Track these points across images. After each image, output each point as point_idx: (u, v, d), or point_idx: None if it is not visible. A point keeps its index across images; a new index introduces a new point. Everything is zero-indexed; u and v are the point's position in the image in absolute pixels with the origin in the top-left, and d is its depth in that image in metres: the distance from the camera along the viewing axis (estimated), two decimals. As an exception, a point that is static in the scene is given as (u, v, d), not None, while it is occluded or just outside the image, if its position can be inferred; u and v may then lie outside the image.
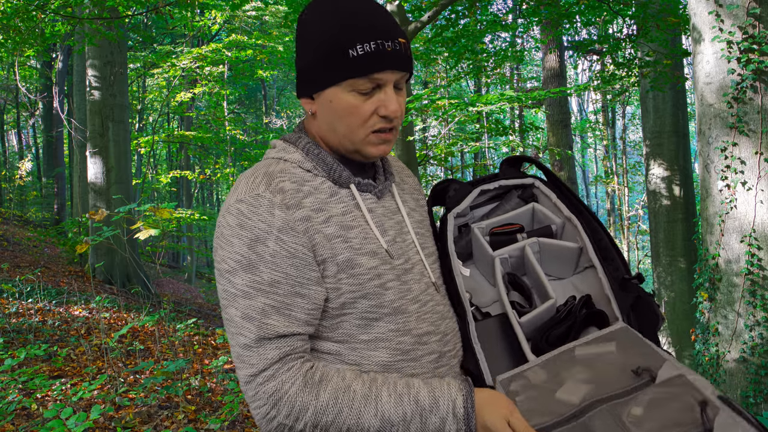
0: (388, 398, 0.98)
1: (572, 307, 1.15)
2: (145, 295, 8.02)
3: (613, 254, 1.26)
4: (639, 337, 1.03)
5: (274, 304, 0.98)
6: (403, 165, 1.34)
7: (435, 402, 0.98)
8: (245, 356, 0.98)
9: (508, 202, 1.38)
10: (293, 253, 1.00)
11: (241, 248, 0.98)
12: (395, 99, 1.03)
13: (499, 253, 1.27)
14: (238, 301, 0.99)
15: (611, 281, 1.18)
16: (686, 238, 7.07)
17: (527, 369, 1.06)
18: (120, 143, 8.72)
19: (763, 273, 3.53)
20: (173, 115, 18.66)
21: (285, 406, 0.96)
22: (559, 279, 1.29)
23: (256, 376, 0.97)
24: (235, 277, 0.99)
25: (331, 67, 1.00)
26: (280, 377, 0.97)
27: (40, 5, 6.85)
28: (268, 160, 1.10)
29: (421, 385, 1.00)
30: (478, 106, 9.56)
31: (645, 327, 1.14)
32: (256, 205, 0.99)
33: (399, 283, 1.07)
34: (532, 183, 1.38)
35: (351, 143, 1.05)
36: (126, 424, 3.46)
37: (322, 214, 1.03)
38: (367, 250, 1.05)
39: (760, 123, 3.53)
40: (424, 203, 1.29)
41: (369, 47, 0.98)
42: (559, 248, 1.26)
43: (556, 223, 1.31)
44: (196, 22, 13.23)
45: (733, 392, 3.60)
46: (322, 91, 1.03)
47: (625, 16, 7.28)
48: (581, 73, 24.08)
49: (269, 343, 0.98)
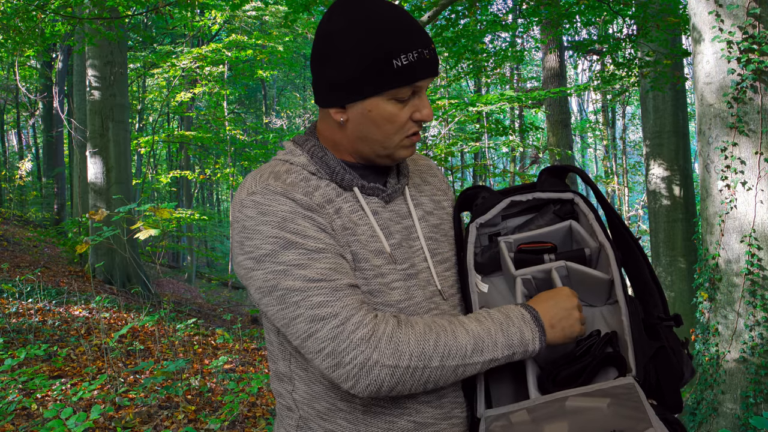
0: (469, 321, 1.02)
1: (592, 345, 1.07)
2: (145, 295, 8.02)
3: (653, 290, 1.16)
4: (639, 396, 0.96)
5: (330, 265, 0.97)
6: (431, 164, 1.31)
7: (507, 317, 1.03)
8: (323, 313, 0.94)
9: (542, 216, 1.25)
10: (323, 228, 1.01)
11: (272, 231, 0.97)
12: (428, 104, 1.05)
13: (522, 273, 1.16)
14: (292, 272, 0.96)
15: (635, 324, 1.08)
16: (686, 238, 7.07)
17: (515, 411, 1.03)
18: (120, 143, 8.71)
19: (763, 273, 3.53)
20: (173, 115, 18.66)
21: (387, 345, 0.94)
22: (589, 306, 1.19)
23: (345, 325, 0.93)
24: (278, 257, 0.96)
25: (374, 77, 0.99)
26: (370, 322, 0.95)
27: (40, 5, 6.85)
28: (273, 162, 1.10)
29: (489, 310, 1.05)
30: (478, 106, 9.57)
31: (665, 380, 1.07)
32: (270, 193, 1.00)
33: (405, 286, 1.07)
34: (572, 198, 1.23)
35: (384, 149, 1.06)
36: (126, 424, 3.46)
37: (332, 206, 1.05)
38: (373, 248, 1.05)
39: (760, 123, 3.53)
40: (446, 205, 1.25)
41: (412, 56, 0.99)
42: (588, 277, 1.14)
43: (591, 248, 1.17)
44: (196, 22, 13.22)
45: (733, 392, 3.60)
46: (361, 101, 1.02)
47: (625, 16, 7.28)
48: (581, 73, 24.08)
49: (345, 294, 0.96)
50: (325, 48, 1.03)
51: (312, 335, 0.95)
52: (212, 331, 6.77)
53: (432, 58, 1.02)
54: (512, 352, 1.01)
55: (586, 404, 0.98)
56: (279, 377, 1.13)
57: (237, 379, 4.51)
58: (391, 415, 1.04)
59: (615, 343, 1.09)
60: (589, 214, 1.19)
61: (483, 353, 0.99)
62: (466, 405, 1.12)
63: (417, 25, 1.02)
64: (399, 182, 1.14)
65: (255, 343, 6.53)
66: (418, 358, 0.95)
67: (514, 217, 1.29)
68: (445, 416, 1.08)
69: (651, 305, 1.15)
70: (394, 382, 0.95)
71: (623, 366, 1.06)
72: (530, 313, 1.04)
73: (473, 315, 1.04)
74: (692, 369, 1.14)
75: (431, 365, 0.96)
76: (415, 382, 0.96)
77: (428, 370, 0.96)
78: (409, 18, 1.03)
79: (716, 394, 3.66)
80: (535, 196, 1.24)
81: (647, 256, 1.21)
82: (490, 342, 1.00)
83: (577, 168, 1.26)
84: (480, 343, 0.99)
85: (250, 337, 7.06)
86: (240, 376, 4.62)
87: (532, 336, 1.02)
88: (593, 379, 1.07)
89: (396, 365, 0.94)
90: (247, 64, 13.15)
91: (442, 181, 1.29)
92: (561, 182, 1.29)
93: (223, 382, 4.40)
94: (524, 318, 1.03)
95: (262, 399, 4.31)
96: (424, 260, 1.12)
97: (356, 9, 1.01)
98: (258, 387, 4.23)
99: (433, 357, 0.96)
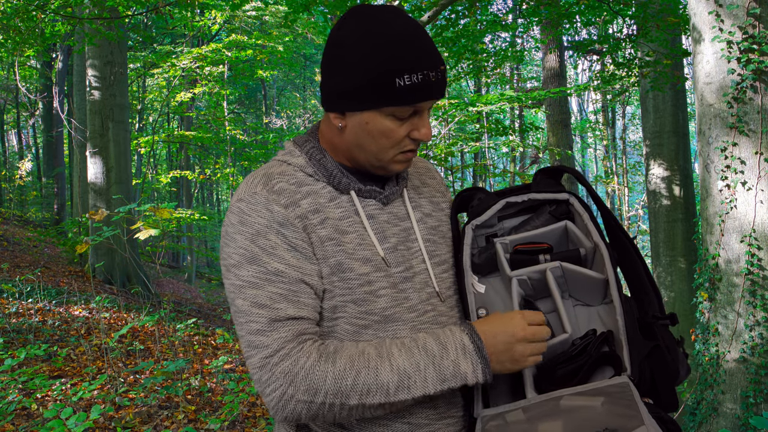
0: (399, 353, 0.98)
1: (588, 344, 1.07)
2: (145, 295, 8.02)
3: (648, 289, 1.16)
4: (633, 394, 0.97)
5: (281, 291, 0.99)
6: (430, 166, 1.31)
7: (443, 347, 0.99)
8: (257, 341, 0.98)
9: (538, 217, 1.25)
10: (294, 246, 1.01)
11: (244, 242, 1.00)
12: (428, 124, 1.05)
13: (518, 274, 1.16)
14: (245, 291, 0.99)
15: (630, 323, 1.08)
16: (686, 238, 7.07)
17: (511, 410, 1.03)
18: (120, 143, 8.71)
19: (763, 273, 3.53)
20: (173, 115, 18.66)
21: (303, 380, 0.95)
22: (586, 305, 1.19)
23: (271, 357, 0.96)
24: (240, 270, 1.00)
25: (375, 93, 0.99)
26: (294, 355, 0.96)
27: (40, 5, 6.85)
28: (271, 162, 1.11)
29: (427, 337, 1.01)
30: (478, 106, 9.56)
31: (660, 379, 1.08)
32: (254, 202, 1.02)
33: (394, 291, 1.06)
34: (567, 199, 1.23)
35: (378, 161, 1.07)
36: (126, 424, 3.46)
37: (318, 216, 1.04)
38: (360, 256, 1.05)
39: (760, 123, 3.53)
40: (444, 207, 1.25)
41: (416, 78, 0.98)
42: (583, 276, 1.14)
43: (586, 248, 1.18)
44: (196, 22, 13.22)
45: (733, 392, 3.60)
46: (359, 112, 1.03)
47: (625, 16, 7.28)
48: (581, 73, 24.08)
49: (281, 325, 0.98)
50: (333, 55, 1.03)
51: (248, 359, 1.00)
52: (212, 331, 6.77)
53: (439, 80, 1.01)
54: (446, 387, 0.99)
55: (581, 403, 0.98)
56: None
57: (237, 379, 4.51)
58: (385, 418, 1.05)
59: (611, 342, 1.09)
60: (584, 215, 1.20)
61: (410, 390, 0.97)
62: (463, 405, 1.12)
63: (429, 45, 1.01)
64: (397, 184, 1.14)
65: (255, 343, 6.51)
66: (333, 395, 0.95)
67: (511, 218, 1.29)
68: (441, 416, 1.08)
69: (646, 304, 1.16)
70: (311, 415, 0.97)
71: (618, 365, 1.06)
72: (473, 342, 1.00)
73: (407, 344, 1.00)
74: (688, 367, 1.14)
75: (349, 403, 0.96)
76: (336, 414, 0.98)
77: (347, 407, 0.96)
78: (423, 36, 1.01)
79: (716, 394, 3.66)
80: (531, 197, 1.24)
81: (643, 255, 1.21)
82: (418, 378, 0.97)
83: (571, 168, 1.26)
84: (405, 380, 0.97)
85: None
86: (240, 376, 4.62)
87: (472, 368, 0.99)
88: (590, 378, 1.07)
89: (311, 401, 0.96)
90: (247, 64, 13.15)
91: (441, 183, 1.29)
92: (556, 183, 1.29)
93: (223, 382, 4.40)
94: (465, 349, 1.00)
95: (262, 399, 4.31)
96: (422, 262, 1.12)
97: (368, 21, 1.01)
98: (258, 387, 4.22)
99: (350, 395, 0.96)
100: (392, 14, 1.01)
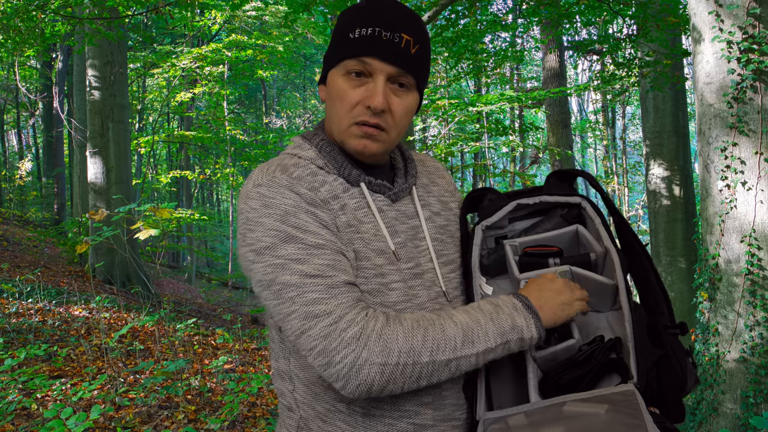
0: (458, 313, 1.01)
1: (595, 350, 1.06)
2: (145, 295, 8.02)
3: (659, 297, 1.15)
4: (638, 403, 0.95)
5: (328, 262, 0.96)
6: (439, 166, 1.30)
7: (497, 306, 1.02)
8: (317, 310, 0.93)
9: (549, 220, 1.24)
10: (324, 224, 1.00)
11: (274, 224, 0.97)
12: (382, 92, 1.02)
13: (525, 276, 1.15)
14: (290, 267, 0.95)
15: (638, 331, 1.07)
16: (686, 238, 7.07)
17: (513, 414, 1.03)
18: (120, 143, 8.72)
19: (763, 273, 3.53)
20: (173, 115, 18.66)
21: (376, 342, 0.92)
22: (595, 311, 1.17)
23: (337, 324, 0.93)
24: (278, 250, 0.96)
25: (333, 49, 1.06)
26: (362, 321, 0.94)
27: (40, 5, 6.85)
28: (282, 155, 1.10)
29: (481, 302, 1.05)
30: (478, 106, 9.57)
31: (667, 388, 1.07)
32: (276, 186, 1.00)
33: (405, 286, 1.06)
34: (579, 203, 1.21)
35: (338, 132, 1.07)
36: (126, 424, 3.46)
37: (338, 202, 1.04)
38: (375, 247, 1.05)
39: (760, 123, 3.53)
40: (453, 206, 1.25)
41: (365, 31, 1.01)
42: (593, 282, 1.13)
43: (597, 253, 1.16)
44: (196, 22, 13.23)
45: (733, 392, 3.60)
46: (327, 74, 1.08)
47: (625, 16, 7.28)
48: (581, 73, 24.07)
49: (339, 291, 0.95)
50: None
51: (305, 332, 0.94)
52: (212, 331, 6.77)
53: (391, 42, 1.01)
54: (506, 340, 1.00)
55: (584, 410, 0.97)
56: (280, 375, 1.12)
57: (237, 379, 4.51)
58: (390, 417, 1.04)
59: (619, 349, 1.08)
60: (596, 219, 1.18)
61: (474, 344, 0.98)
62: (467, 407, 1.11)
63: (395, 12, 1.04)
64: (407, 182, 1.14)
65: (255, 343, 6.53)
66: (407, 354, 0.93)
67: (521, 220, 1.28)
68: (445, 418, 1.07)
69: (657, 312, 1.14)
70: (384, 380, 0.93)
71: (626, 373, 1.04)
72: (521, 301, 1.03)
73: (462, 308, 1.03)
74: (696, 378, 1.12)
75: (421, 361, 0.94)
76: (406, 379, 0.95)
77: (419, 366, 0.94)
78: (396, 6, 1.05)
79: (716, 394, 3.66)
80: (542, 200, 1.23)
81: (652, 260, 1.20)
82: (480, 332, 0.98)
83: (585, 172, 1.24)
84: (470, 333, 0.98)
85: (250, 337, 7.06)
86: (240, 376, 4.62)
87: (525, 323, 1.01)
88: (596, 384, 1.06)
89: (385, 363, 0.92)
90: (247, 64, 13.15)
91: (450, 182, 1.29)
92: (569, 186, 1.28)
93: (223, 382, 4.40)
94: (515, 306, 1.03)
95: (262, 399, 4.31)
96: (429, 261, 1.12)
97: (363, 3, 1.07)
98: (258, 387, 4.23)
99: (422, 352, 0.94)
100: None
